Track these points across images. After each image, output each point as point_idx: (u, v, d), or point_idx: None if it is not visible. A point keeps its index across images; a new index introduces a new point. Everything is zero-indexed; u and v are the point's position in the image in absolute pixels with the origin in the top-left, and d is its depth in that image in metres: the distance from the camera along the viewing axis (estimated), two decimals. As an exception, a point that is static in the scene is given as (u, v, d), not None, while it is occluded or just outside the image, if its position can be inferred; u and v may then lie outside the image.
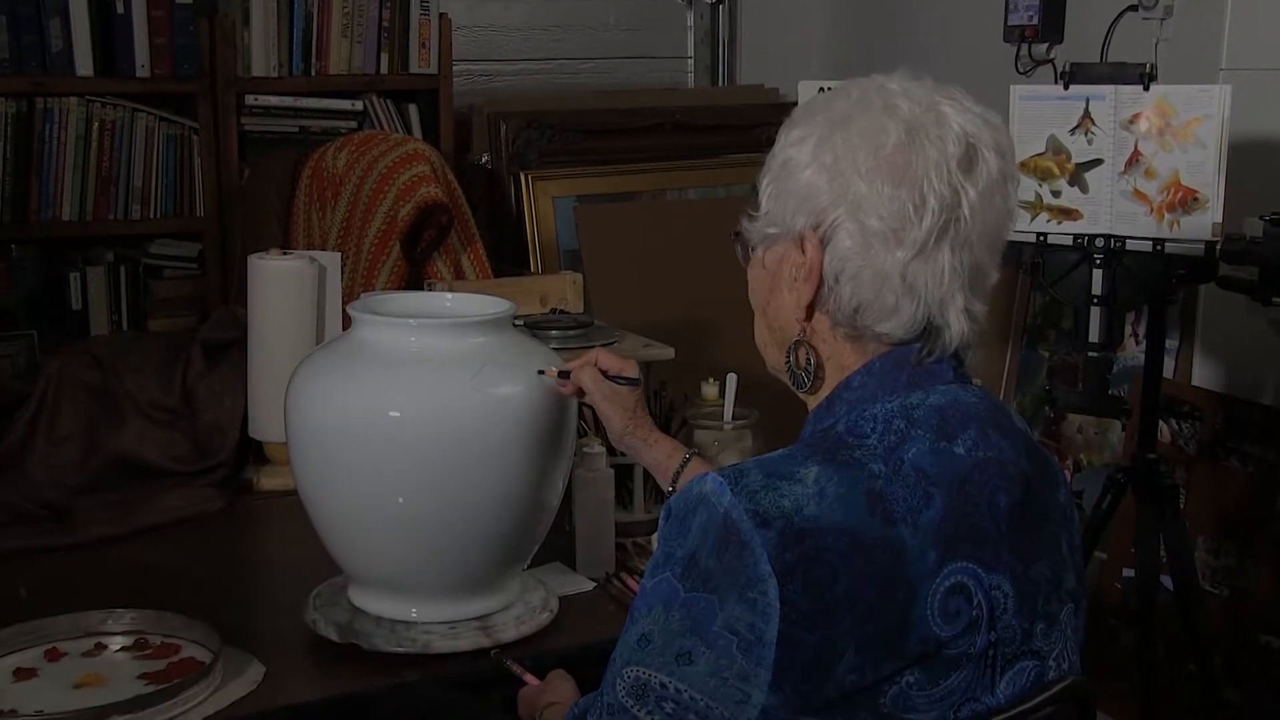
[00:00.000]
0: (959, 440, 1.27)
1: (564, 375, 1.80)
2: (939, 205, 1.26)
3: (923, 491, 1.22)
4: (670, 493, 1.80)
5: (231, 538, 2.27)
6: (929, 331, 1.29)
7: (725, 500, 1.19)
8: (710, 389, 2.35)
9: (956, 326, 1.29)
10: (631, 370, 1.85)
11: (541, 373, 1.78)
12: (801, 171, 1.30)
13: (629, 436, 1.83)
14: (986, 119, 1.30)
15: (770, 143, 1.36)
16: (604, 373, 1.83)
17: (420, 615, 1.82)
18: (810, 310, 1.31)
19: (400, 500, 1.73)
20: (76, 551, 2.15)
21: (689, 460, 1.81)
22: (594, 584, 2.01)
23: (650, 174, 4.07)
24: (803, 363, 1.34)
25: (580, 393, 1.82)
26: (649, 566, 1.24)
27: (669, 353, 2.52)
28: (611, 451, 2.12)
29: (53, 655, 1.77)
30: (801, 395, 1.37)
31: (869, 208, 1.26)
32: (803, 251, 1.30)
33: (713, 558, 1.19)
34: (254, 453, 2.47)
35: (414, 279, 2.98)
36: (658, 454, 1.83)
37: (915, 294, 1.27)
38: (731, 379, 2.27)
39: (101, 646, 1.79)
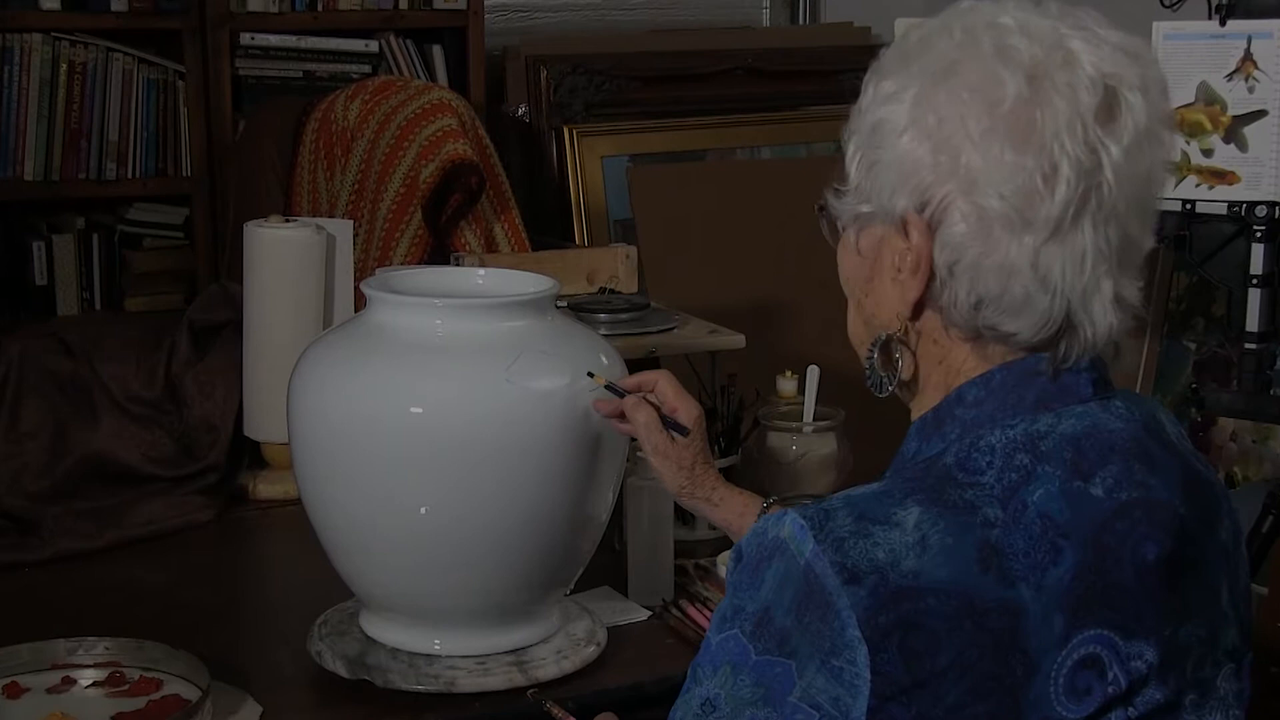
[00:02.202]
0: (1097, 479, 1.23)
1: (614, 391, 1.78)
2: (1075, 172, 1.20)
3: (1049, 544, 1.19)
4: None
5: (223, 554, 2.29)
6: (1066, 330, 1.25)
7: (807, 549, 1.17)
8: (787, 384, 2.36)
9: (1103, 321, 1.24)
10: (688, 414, 1.80)
11: (591, 375, 1.78)
12: (898, 138, 1.25)
13: (687, 499, 1.82)
14: (1127, 49, 1.24)
15: (857, 94, 1.33)
16: (658, 409, 1.79)
17: (445, 647, 1.83)
18: (918, 308, 1.27)
19: (422, 511, 1.74)
20: (41, 569, 2.17)
21: (768, 510, 1.78)
22: (649, 613, 2.01)
23: (717, 129, 4.07)
24: (889, 363, 1.30)
25: (619, 418, 1.80)
26: (715, 617, 1.22)
27: (738, 340, 2.52)
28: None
29: (12, 691, 1.79)
30: (900, 396, 1.34)
31: (986, 183, 1.21)
32: (906, 237, 1.25)
33: (790, 617, 1.17)
34: (250, 455, 2.49)
35: (438, 252, 2.99)
36: (726, 514, 1.81)
37: (1050, 285, 1.22)
38: (813, 372, 2.27)
39: (70, 681, 1.81)
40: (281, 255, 2.42)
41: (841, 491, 1.22)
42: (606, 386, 1.78)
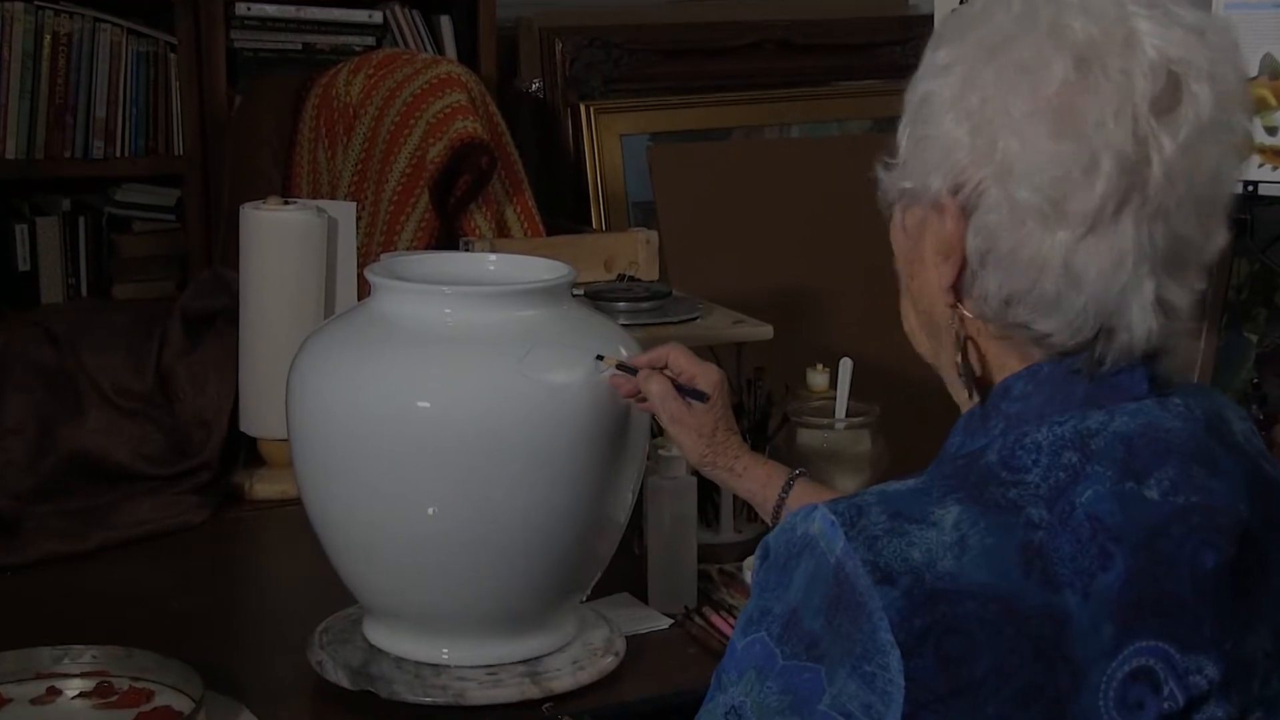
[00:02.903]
0: (1151, 480, 1.22)
1: (626, 369, 1.80)
2: (1116, 166, 1.19)
3: (1099, 548, 1.18)
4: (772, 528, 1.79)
5: (218, 557, 2.30)
6: (1101, 334, 1.24)
7: (837, 546, 1.17)
8: (818, 377, 2.35)
9: (1141, 327, 1.23)
10: (707, 379, 1.83)
11: (600, 359, 1.78)
12: (943, 115, 1.24)
13: (709, 468, 1.84)
14: (1203, 31, 1.22)
15: (901, 67, 1.32)
16: (674, 381, 1.82)
17: (453, 657, 1.84)
18: (957, 295, 1.27)
19: (430, 512, 1.75)
20: (24, 573, 2.18)
21: (793, 484, 1.81)
22: (670, 621, 2.02)
23: (744, 106, 4.06)
24: (969, 363, 1.29)
25: (640, 397, 1.82)
26: (741, 620, 1.22)
27: (766, 331, 2.52)
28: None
29: (-4, 701, 1.80)
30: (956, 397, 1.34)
31: (1021, 172, 1.20)
32: (942, 220, 1.25)
33: (820, 619, 1.17)
34: (246, 452, 2.49)
35: (446, 236, 3.00)
36: (750, 485, 1.83)
37: (1083, 285, 1.21)
38: (846, 365, 2.27)
39: (55, 692, 1.82)
40: (280, 239, 2.43)
41: (875, 486, 1.22)
42: (618, 367, 1.79)
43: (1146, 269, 1.22)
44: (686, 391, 1.82)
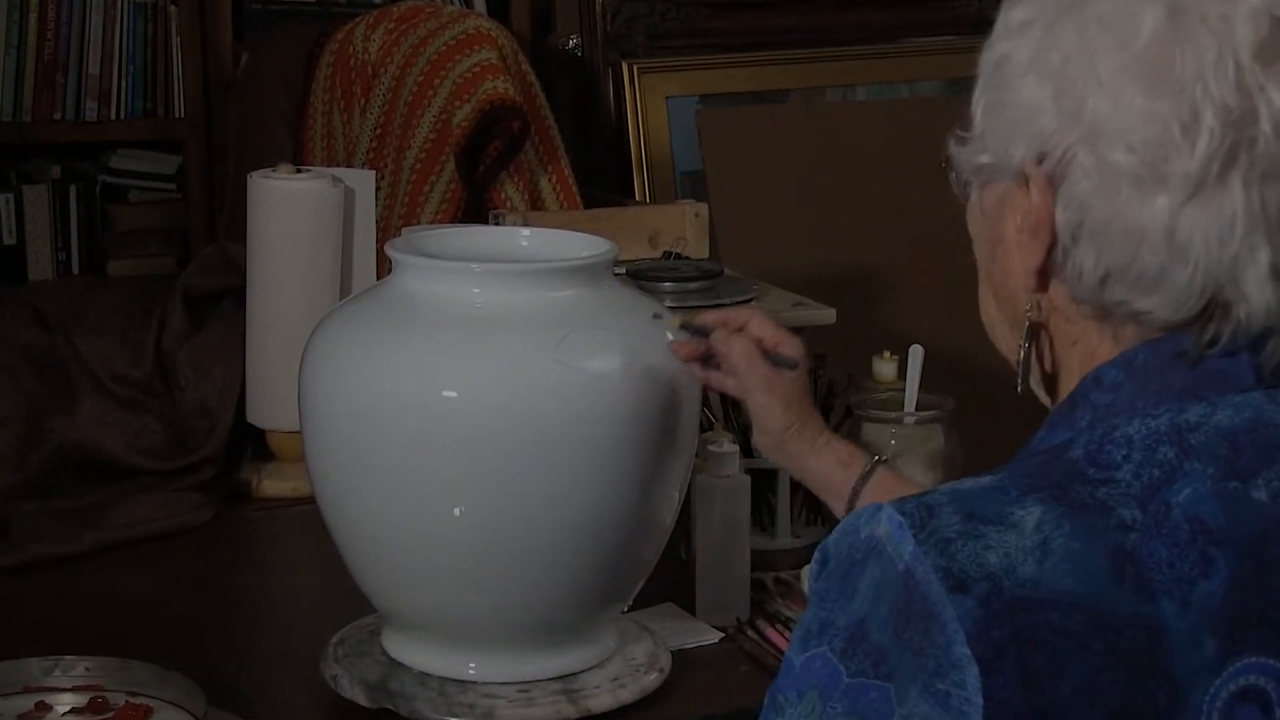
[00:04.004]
0: (1259, 480, 1.21)
1: (695, 331, 1.80)
2: (1220, 121, 1.19)
3: (1199, 553, 1.18)
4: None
5: (222, 560, 2.31)
6: (1212, 310, 1.23)
7: (906, 551, 1.16)
8: (886, 366, 2.35)
9: (1259, 298, 1.22)
10: (792, 347, 1.84)
11: (658, 317, 1.78)
12: (1021, 77, 1.25)
13: (789, 445, 1.84)
14: None
15: (978, 21, 1.33)
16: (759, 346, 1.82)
17: (481, 673, 1.84)
18: (1043, 278, 1.27)
19: (456, 513, 1.75)
20: (11, 577, 2.19)
21: (873, 470, 1.81)
22: (720, 634, 2.02)
23: (803, 65, 4.06)
24: (1042, 356, 1.30)
25: (705, 363, 1.82)
26: (798, 634, 1.22)
27: (828, 315, 2.52)
28: (748, 450, 2.13)
29: (-19, 716, 1.82)
30: (1037, 394, 1.33)
31: (1113, 133, 1.20)
32: (1027, 194, 1.25)
33: (888, 631, 1.16)
34: (254, 445, 2.51)
35: (474, 208, 3.00)
36: (827, 463, 1.83)
37: (1189, 256, 1.21)
38: (916, 353, 2.26)
39: (45, 707, 1.82)
40: (291, 211, 2.44)
41: (948, 484, 1.22)
42: (682, 326, 1.78)
43: (1260, 235, 1.21)
44: (772, 358, 1.82)
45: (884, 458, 1.82)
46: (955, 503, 1.19)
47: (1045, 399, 1.34)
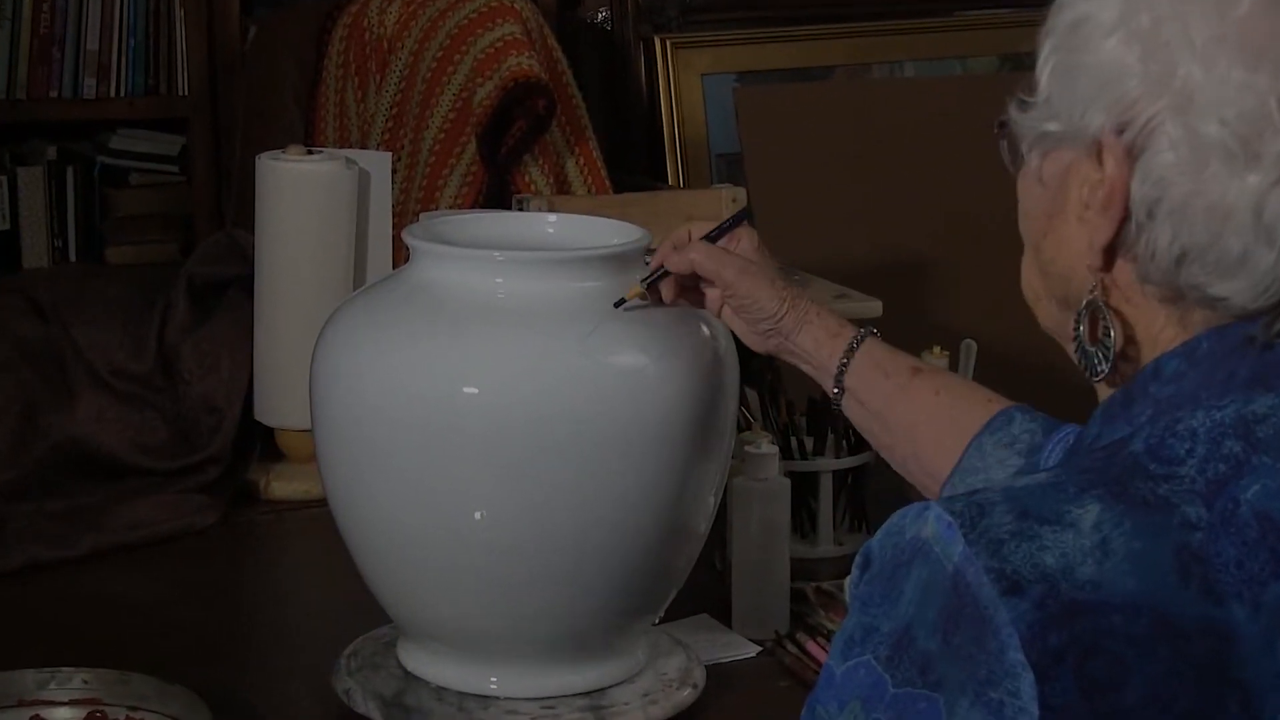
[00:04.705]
0: None
1: (654, 280, 1.79)
2: None
3: (1269, 552, 1.18)
4: (836, 397, 1.79)
5: (228, 566, 2.32)
6: None
7: (956, 551, 1.16)
8: (937, 362, 2.35)
9: None
10: (747, 240, 1.83)
11: (621, 303, 1.78)
12: (1103, 40, 1.25)
13: (787, 318, 1.81)
14: None
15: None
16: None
17: (503, 687, 1.85)
18: (1109, 255, 1.27)
19: (477, 517, 1.76)
20: (5, 582, 2.20)
21: (862, 343, 1.79)
22: (758, 648, 2.02)
23: (848, 40, 4.06)
24: (1099, 336, 1.30)
25: (691, 294, 1.80)
26: (839, 642, 1.22)
27: (874, 306, 2.52)
28: (788, 452, 2.13)
29: (-27, 731, 1.83)
30: (1094, 381, 1.34)
31: (1207, 104, 1.20)
32: (1100, 165, 1.25)
33: (937, 637, 1.17)
34: (262, 444, 2.51)
35: (497, 192, 3.01)
36: (817, 335, 1.80)
37: (1275, 239, 1.21)
38: (969, 348, 2.27)
39: (41, 720, 1.85)
40: (302, 195, 2.45)
41: (1000, 481, 1.22)
42: (642, 282, 1.78)
43: None
44: (727, 226, 1.83)
45: (871, 329, 1.80)
46: (1008, 501, 1.19)
47: (1099, 386, 1.33)
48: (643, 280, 1.79)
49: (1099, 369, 1.30)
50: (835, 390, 1.78)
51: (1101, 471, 1.22)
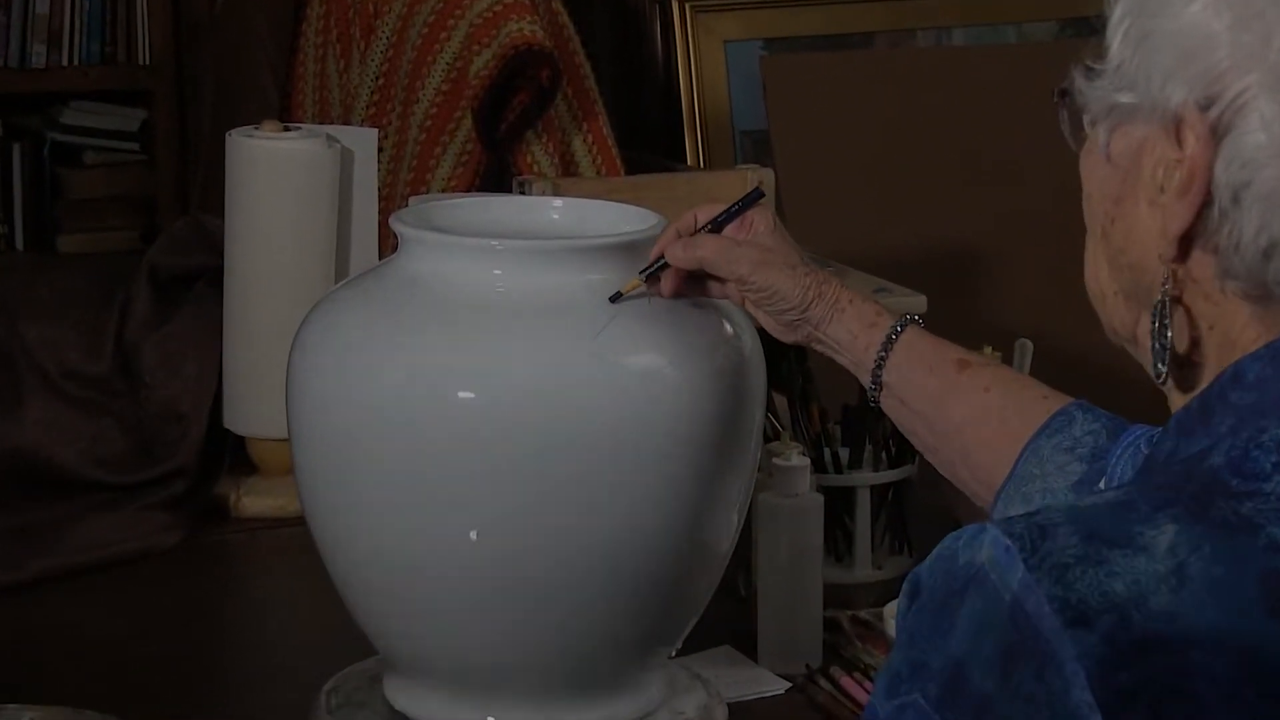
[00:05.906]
0: None
1: (654, 271, 1.79)
2: None
3: None
4: (874, 393, 1.79)
5: (195, 592, 2.32)
6: None
7: (1015, 579, 1.16)
8: (987, 364, 2.36)
9: None
10: (761, 220, 1.83)
11: (618, 297, 1.78)
12: (1186, 4, 1.24)
13: (815, 307, 1.80)
14: None
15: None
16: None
17: (501, 727, 1.86)
18: (1185, 245, 1.27)
19: (472, 537, 1.76)
20: (-54, 609, 2.21)
21: (902, 333, 1.79)
22: (787, 684, 2.02)
23: (889, 3, 4.06)
24: (1176, 335, 1.31)
25: (697, 284, 1.80)
26: (883, 679, 1.22)
27: (918, 303, 2.52)
28: (821, 465, 2.13)
29: (-91, 775, 1.83)
30: (1161, 386, 1.34)
31: None
32: (1179, 144, 1.25)
33: (993, 675, 1.16)
34: (232, 455, 2.52)
35: (495, 173, 3.01)
36: (853, 325, 1.80)
37: None
38: (1024, 348, 2.27)
39: (-15, 763, 1.85)
40: (278, 177, 2.45)
41: (1063, 500, 1.22)
42: (641, 273, 1.78)
43: None
44: (735, 209, 1.83)
45: (913, 317, 1.80)
46: (1073, 522, 1.19)
47: (1175, 385, 1.33)
48: (642, 271, 1.78)
49: (1159, 370, 1.30)
50: (873, 386, 1.78)
51: (1177, 489, 1.21)
